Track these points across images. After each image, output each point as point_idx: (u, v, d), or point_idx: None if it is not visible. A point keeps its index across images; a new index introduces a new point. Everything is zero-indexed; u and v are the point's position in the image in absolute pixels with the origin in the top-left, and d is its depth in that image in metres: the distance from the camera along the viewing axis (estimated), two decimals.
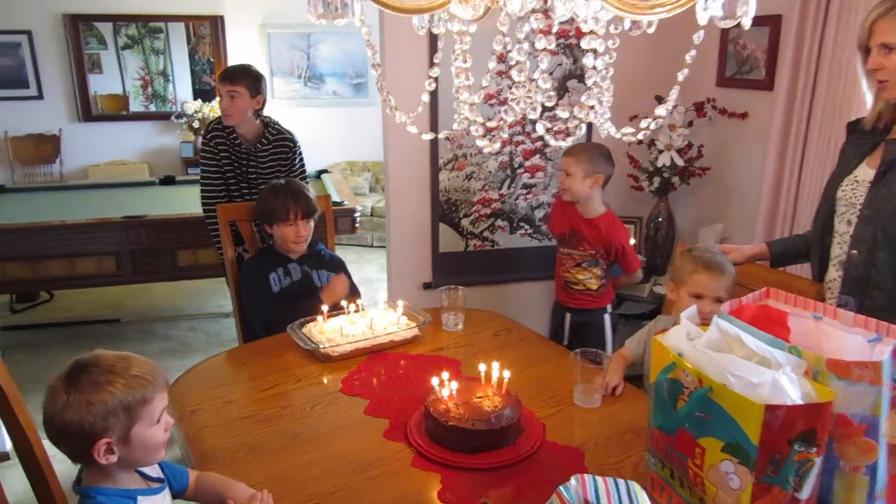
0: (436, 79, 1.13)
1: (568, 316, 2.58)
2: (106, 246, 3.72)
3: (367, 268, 5.39)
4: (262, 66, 6.19)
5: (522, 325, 2.19)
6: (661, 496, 1.29)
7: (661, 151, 2.82)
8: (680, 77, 0.96)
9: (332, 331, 1.97)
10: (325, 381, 1.80)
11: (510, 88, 1.02)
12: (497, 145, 1.12)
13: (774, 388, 1.05)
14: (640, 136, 1.07)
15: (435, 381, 1.53)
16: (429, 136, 1.21)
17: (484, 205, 2.91)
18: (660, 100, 2.79)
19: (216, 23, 6.04)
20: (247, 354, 2.07)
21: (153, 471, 1.25)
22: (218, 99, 2.82)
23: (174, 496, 1.30)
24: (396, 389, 1.74)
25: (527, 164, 2.90)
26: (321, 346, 1.89)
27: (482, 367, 1.58)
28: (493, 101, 2.75)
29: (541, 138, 2.82)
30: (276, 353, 1.99)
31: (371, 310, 2.11)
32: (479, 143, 1.13)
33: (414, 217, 2.88)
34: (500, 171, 2.88)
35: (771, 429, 1.03)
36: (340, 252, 2.66)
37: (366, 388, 1.75)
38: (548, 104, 1.02)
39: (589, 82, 1.03)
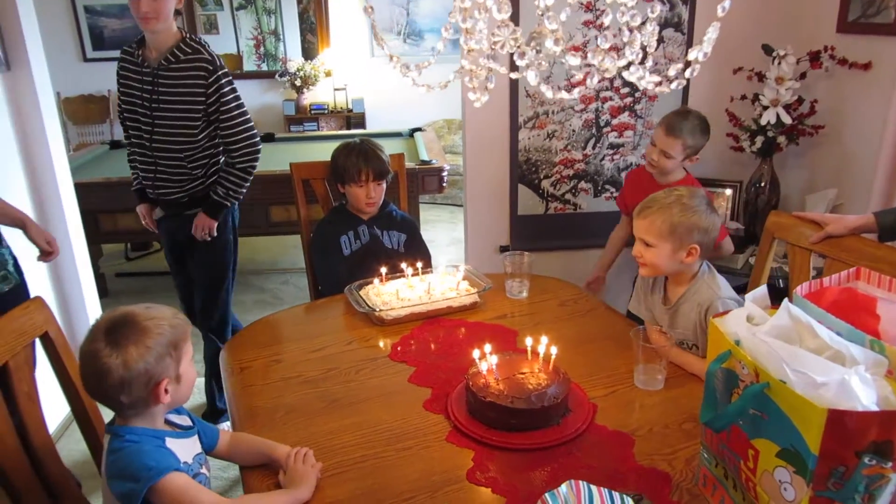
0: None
1: None
2: None
3: (459, 227, 5.34)
4: (362, 25, 6.21)
5: (596, 296, 2.05)
6: (714, 496, 1.15)
7: (765, 108, 2.52)
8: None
9: (388, 294, 1.92)
10: (377, 345, 1.76)
11: (596, 38, 0.89)
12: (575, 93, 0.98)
13: (842, 390, 0.89)
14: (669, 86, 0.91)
15: (476, 353, 1.44)
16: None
17: (566, 165, 2.75)
18: (768, 50, 2.50)
19: None
20: (304, 313, 2.07)
21: (183, 421, 1.27)
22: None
23: (207, 452, 1.31)
24: (446, 358, 1.68)
25: (614, 122, 2.70)
26: (375, 310, 1.85)
27: (528, 341, 1.48)
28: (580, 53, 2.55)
29: (631, 94, 2.62)
30: (333, 313, 1.98)
31: (432, 274, 2.04)
32: (546, 91, 1.01)
33: (491, 178, 2.77)
34: (584, 129, 2.70)
35: (835, 437, 0.88)
36: (434, 211, 2.61)
37: (414, 355, 1.70)
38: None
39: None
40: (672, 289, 1.73)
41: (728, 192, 2.79)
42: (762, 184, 2.68)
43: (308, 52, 6.29)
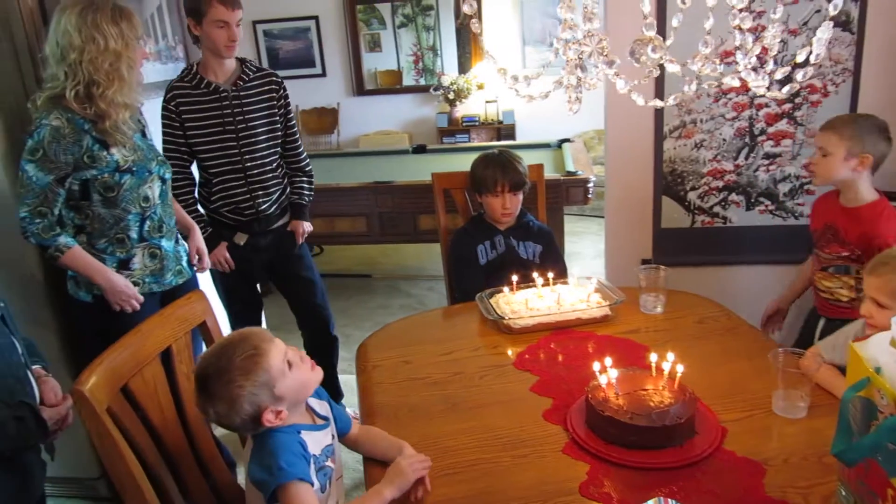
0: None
1: (821, 323, 2.14)
2: (359, 208, 4.11)
3: None
4: (514, 36, 6.29)
5: (740, 315, 1.93)
6: None
7: None
8: None
9: (517, 303, 1.94)
10: (503, 352, 1.78)
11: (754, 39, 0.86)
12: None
13: None
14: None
15: (596, 366, 1.42)
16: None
17: (715, 177, 2.61)
18: None
19: None
20: (439, 318, 2.14)
21: (322, 409, 1.36)
22: (197, 35, 2.33)
23: (339, 437, 1.39)
24: (570, 370, 1.66)
25: (770, 130, 2.53)
26: (504, 318, 1.87)
27: (653, 357, 1.43)
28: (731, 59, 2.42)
29: (790, 100, 2.44)
30: (465, 319, 2.03)
31: (562, 284, 2.03)
32: (637, 99, 1.00)
33: (634, 189, 2.70)
34: (736, 138, 2.55)
35: None
36: (581, 223, 2.60)
37: (539, 364, 1.70)
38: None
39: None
40: None
41: None
42: None
43: (464, 66, 6.48)
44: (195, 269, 2.27)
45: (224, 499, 1.49)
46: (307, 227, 2.65)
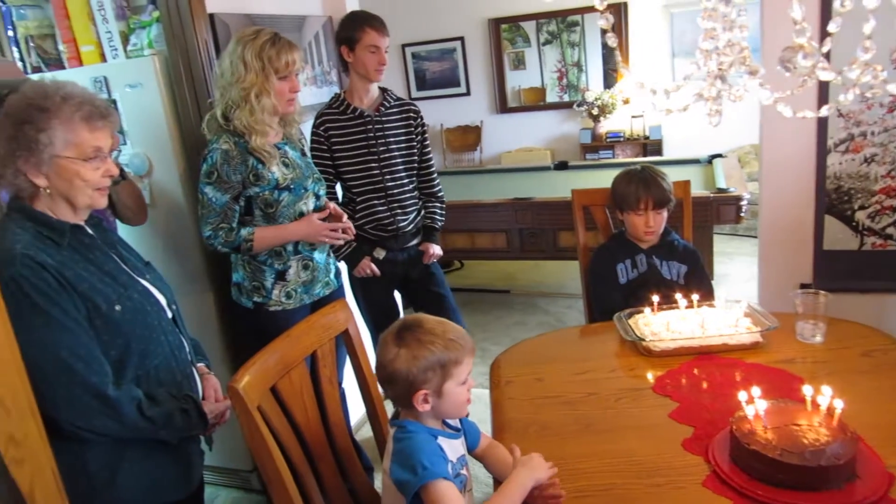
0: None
1: None
2: (499, 224, 4.15)
3: None
4: (663, 49, 6.09)
5: None
6: None
7: None
8: None
9: (658, 324, 1.86)
10: (641, 375, 1.72)
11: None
12: None
13: None
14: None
15: (742, 395, 1.33)
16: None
17: (889, 195, 2.36)
18: None
19: (619, 9, 6.11)
20: (573, 336, 2.10)
21: (453, 422, 1.39)
22: (346, 60, 2.47)
23: (469, 450, 1.42)
24: (715, 398, 1.57)
25: None
26: (643, 339, 1.81)
27: (808, 390, 1.31)
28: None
29: None
30: (602, 339, 1.98)
31: (708, 307, 1.92)
32: (783, 110, 0.93)
33: (793, 207, 2.50)
34: None
35: None
36: (732, 243, 2.47)
37: (679, 390, 1.62)
38: None
39: None
40: None
41: None
42: None
43: (609, 82, 6.36)
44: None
45: (360, 501, 1.56)
46: (437, 249, 2.73)
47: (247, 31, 2.00)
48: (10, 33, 2.55)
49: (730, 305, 1.92)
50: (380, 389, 1.49)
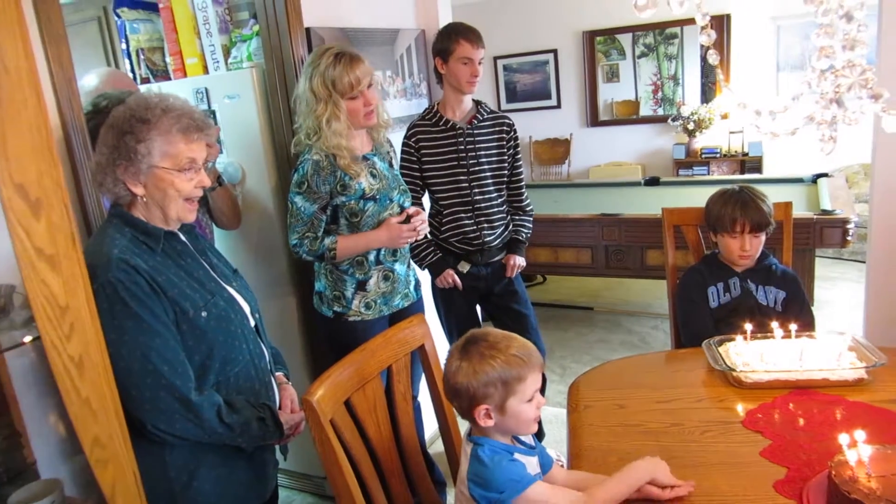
0: None
1: None
2: (584, 240, 4.07)
3: None
4: (769, 62, 5.81)
5: None
6: None
7: None
8: None
9: (751, 353, 1.75)
10: (731, 407, 1.62)
11: None
12: None
13: None
14: None
15: (844, 438, 1.22)
16: None
17: None
18: None
19: (722, 21, 5.88)
20: (659, 362, 2.02)
21: (528, 440, 1.36)
22: (440, 72, 2.50)
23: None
24: (812, 438, 1.45)
25: None
26: (734, 370, 1.70)
27: None
28: None
29: None
30: (688, 366, 1.88)
31: (808, 338, 1.79)
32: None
33: None
34: None
35: None
36: (836, 267, 2.32)
37: (772, 426, 1.51)
38: None
39: None
40: None
41: None
42: None
43: (707, 96, 6.14)
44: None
45: None
46: (521, 261, 2.69)
47: (317, 53, 2.05)
48: (123, 46, 2.72)
49: (833, 337, 1.78)
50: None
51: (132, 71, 2.72)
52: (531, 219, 2.74)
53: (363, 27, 2.65)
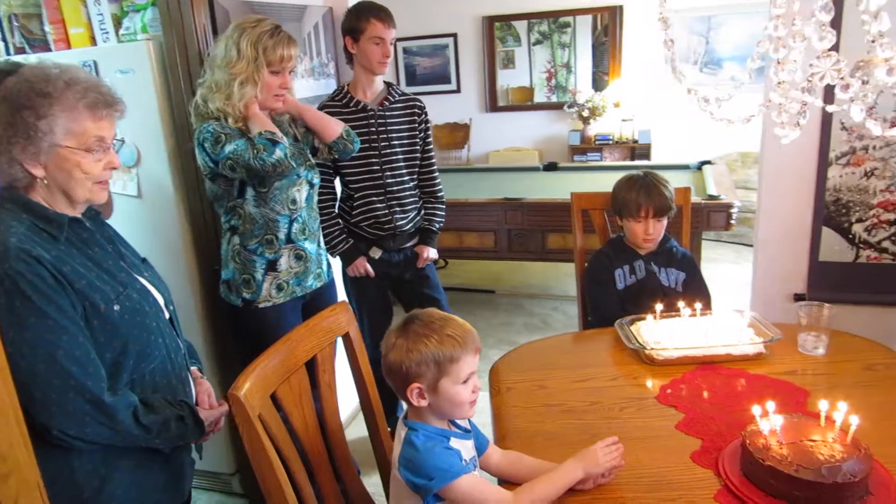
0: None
1: None
2: (488, 224, 4.11)
3: (746, 268, 4.90)
4: (654, 55, 6.08)
5: None
6: None
7: None
8: None
9: (661, 332, 1.84)
10: (644, 384, 1.70)
11: None
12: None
13: None
14: None
15: (757, 410, 1.31)
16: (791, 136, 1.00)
17: (887, 209, 2.37)
18: None
19: (615, 13, 6.10)
20: (573, 342, 2.07)
21: (463, 423, 1.35)
22: (350, 52, 2.45)
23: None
24: (721, 409, 1.54)
25: None
26: (646, 348, 1.78)
27: (823, 405, 1.30)
28: None
29: None
30: (601, 346, 1.95)
31: (712, 316, 1.90)
32: (873, 128, 0.90)
33: (790, 217, 2.50)
34: None
35: None
36: (717, 249, 2.46)
37: (684, 400, 1.60)
38: None
39: None
40: None
41: None
42: None
43: (598, 84, 6.35)
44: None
45: None
46: (432, 253, 2.68)
47: (249, 19, 1.94)
48: None
49: (733, 315, 1.90)
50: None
51: (3, 39, 2.46)
52: (443, 207, 2.73)
53: (269, 1, 2.53)
